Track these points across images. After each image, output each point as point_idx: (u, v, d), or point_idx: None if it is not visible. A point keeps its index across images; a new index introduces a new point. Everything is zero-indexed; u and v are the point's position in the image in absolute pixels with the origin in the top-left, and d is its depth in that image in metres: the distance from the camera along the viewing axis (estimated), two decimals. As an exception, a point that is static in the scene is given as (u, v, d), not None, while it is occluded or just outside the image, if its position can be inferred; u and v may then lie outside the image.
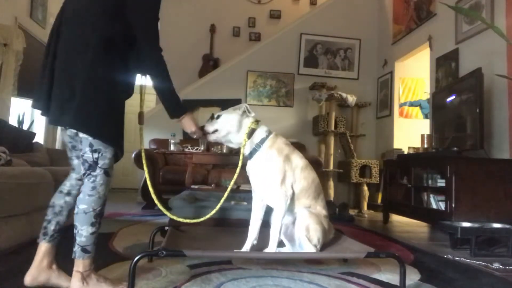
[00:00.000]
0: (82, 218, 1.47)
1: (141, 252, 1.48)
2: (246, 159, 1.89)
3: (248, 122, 1.87)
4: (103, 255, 2.13)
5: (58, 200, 1.62)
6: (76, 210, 1.48)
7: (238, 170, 1.84)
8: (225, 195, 1.87)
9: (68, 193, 1.63)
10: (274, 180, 1.79)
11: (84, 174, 1.50)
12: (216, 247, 1.88)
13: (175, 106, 1.70)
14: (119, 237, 2.59)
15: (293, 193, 1.83)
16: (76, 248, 1.48)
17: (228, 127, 1.84)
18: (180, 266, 1.93)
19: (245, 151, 1.86)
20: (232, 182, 1.87)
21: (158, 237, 2.03)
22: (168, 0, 6.70)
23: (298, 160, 1.91)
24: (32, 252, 1.63)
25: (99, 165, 1.49)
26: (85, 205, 1.47)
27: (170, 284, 1.66)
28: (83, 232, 1.47)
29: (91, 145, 1.48)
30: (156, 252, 1.51)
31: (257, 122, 1.90)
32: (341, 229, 2.40)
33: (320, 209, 1.91)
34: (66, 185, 1.64)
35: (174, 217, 1.81)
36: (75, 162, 1.65)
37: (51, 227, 1.59)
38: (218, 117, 1.87)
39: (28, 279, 1.56)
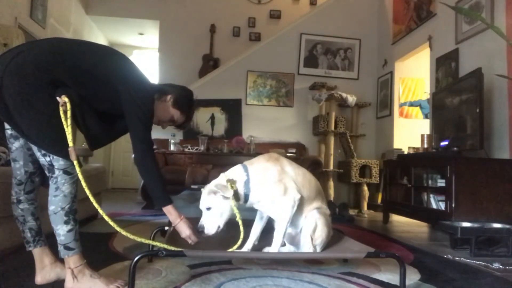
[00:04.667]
0: (54, 219, 1.50)
1: (141, 252, 1.48)
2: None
3: (230, 192, 1.69)
4: (103, 255, 2.14)
5: (15, 211, 1.64)
6: (48, 212, 1.50)
7: (242, 234, 1.75)
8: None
9: (18, 201, 1.63)
10: (277, 193, 1.74)
11: (48, 177, 1.52)
12: (216, 247, 1.88)
13: (156, 199, 1.71)
14: (119, 237, 2.59)
15: (302, 198, 1.78)
16: (60, 248, 1.51)
17: (226, 214, 1.72)
18: (180, 266, 1.93)
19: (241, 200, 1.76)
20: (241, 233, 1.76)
21: (158, 237, 2.03)
22: (168, 0, 6.72)
23: (287, 167, 1.84)
24: (31, 252, 1.64)
25: (55, 167, 1.49)
26: (53, 205, 1.49)
27: (170, 284, 1.66)
28: (60, 232, 1.49)
29: (39, 150, 1.49)
30: (156, 252, 1.51)
31: (232, 182, 1.73)
32: (341, 229, 2.41)
33: (325, 207, 1.91)
34: (13, 195, 1.64)
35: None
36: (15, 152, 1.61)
37: (28, 234, 1.63)
38: (209, 209, 1.71)
39: (38, 279, 1.61)
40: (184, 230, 1.74)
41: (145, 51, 7.95)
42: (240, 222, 1.73)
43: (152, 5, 6.71)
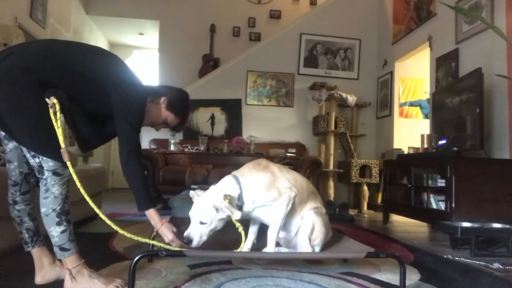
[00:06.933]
0: (46, 221, 1.49)
1: (141, 252, 1.48)
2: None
3: (239, 214, 1.63)
4: (103, 255, 2.14)
5: (12, 212, 1.63)
6: (40, 214, 1.50)
7: (243, 244, 1.76)
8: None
9: (15, 202, 1.62)
10: (271, 198, 1.73)
11: (39, 179, 1.52)
12: (216, 247, 1.88)
13: (138, 201, 1.69)
14: (119, 237, 2.58)
15: (295, 195, 1.77)
16: (55, 249, 1.51)
17: (217, 229, 1.68)
18: (180, 266, 1.93)
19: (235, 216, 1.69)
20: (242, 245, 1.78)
21: (158, 237, 2.03)
22: (168, 0, 6.72)
23: (277, 172, 1.82)
24: (30, 252, 1.64)
25: (45, 168, 1.48)
26: (44, 208, 1.49)
27: (170, 284, 1.66)
28: (53, 233, 1.49)
29: (29, 151, 1.48)
30: (156, 252, 1.51)
31: (231, 199, 1.67)
32: (341, 229, 2.41)
33: (321, 207, 1.91)
34: (9, 196, 1.64)
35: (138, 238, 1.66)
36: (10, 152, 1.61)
37: (25, 235, 1.62)
38: (203, 223, 1.64)
39: (38, 279, 1.61)
40: (167, 235, 1.71)
41: (145, 51, 7.93)
42: (242, 233, 1.72)
43: (152, 5, 6.71)
